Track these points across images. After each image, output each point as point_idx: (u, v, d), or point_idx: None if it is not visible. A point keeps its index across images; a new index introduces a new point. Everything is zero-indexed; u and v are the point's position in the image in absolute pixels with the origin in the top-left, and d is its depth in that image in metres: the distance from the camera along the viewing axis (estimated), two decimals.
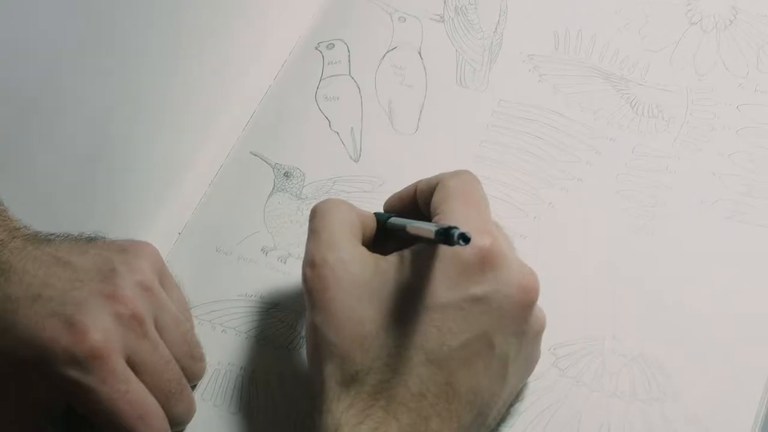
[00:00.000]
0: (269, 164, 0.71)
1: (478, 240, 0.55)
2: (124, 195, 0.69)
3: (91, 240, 0.62)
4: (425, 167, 0.65)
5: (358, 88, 0.74)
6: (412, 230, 0.57)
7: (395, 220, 0.62)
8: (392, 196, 0.65)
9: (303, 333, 0.66)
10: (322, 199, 0.61)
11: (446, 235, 0.52)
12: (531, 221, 0.69)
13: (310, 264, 0.58)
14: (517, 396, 0.62)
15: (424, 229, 0.55)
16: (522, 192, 0.70)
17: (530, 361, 0.60)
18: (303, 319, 0.66)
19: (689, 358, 0.63)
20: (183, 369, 0.61)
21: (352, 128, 0.73)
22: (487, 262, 0.56)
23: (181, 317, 0.62)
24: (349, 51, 0.75)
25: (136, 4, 0.69)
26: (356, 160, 0.71)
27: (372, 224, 0.62)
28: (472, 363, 0.56)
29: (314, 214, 0.60)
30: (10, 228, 0.61)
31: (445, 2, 0.77)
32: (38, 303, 0.57)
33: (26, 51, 0.63)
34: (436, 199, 0.60)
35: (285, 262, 0.68)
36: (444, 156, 0.71)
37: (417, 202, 0.62)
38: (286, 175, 0.71)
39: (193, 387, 0.63)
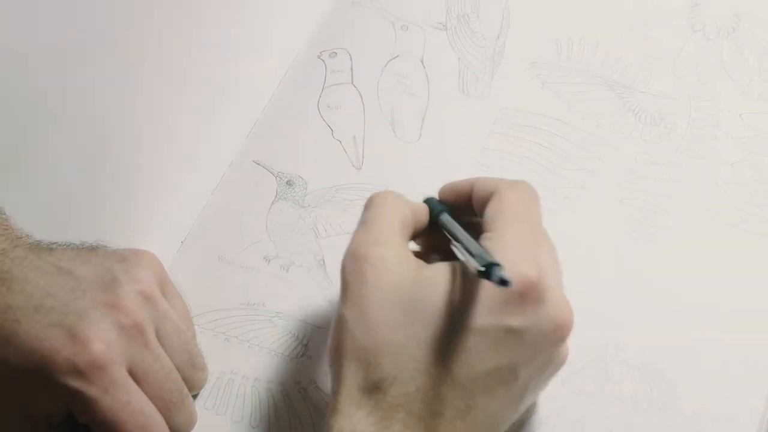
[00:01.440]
0: (272, 173, 0.71)
1: (524, 269, 0.54)
2: (126, 204, 0.69)
3: (92, 249, 0.62)
4: (428, 175, 0.65)
5: (361, 96, 0.74)
6: (457, 252, 0.56)
7: (446, 220, 0.60)
8: (448, 185, 0.62)
9: (305, 342, 0.66)
10: (378, 191, 0.59)
11: (487, 275, 0.51)
12: None
13: (352, 255, 0.56)
14: None
15: (468, 260, 0.53)
16: None
17: (543, 388, 0.59)
18: (306, 328, 0.66)
19: (692, 367, 0.63)
20: (184, 378, 0.61)
21: (354, 136, 0.73)
22: (529, 295, 0.54)
23: (182, 326, 0.62)
24: (351, 59, 0.75)
25: (138, 10, 0.69)
26: (359, 168, 0.71)
27: (424, 218, 0.60)
28: (494, 390, 0.54)
29: (369, 205, 0.58)
30: (12, 237, 0.61)
31: (447, 10, 0.77)
32: (40, 313, 0.57)
33: (26, 57, 0.63)
34: (489, 211, 0.58)
35: (288, 271, 0.68)
36: (447, 164, 0.71)
37: (471, 201, 0.61)
38: (289, 183, 0.71)
39: (195, 396, 0.63)
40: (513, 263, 0.53)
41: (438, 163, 0.71)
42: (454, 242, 0.56)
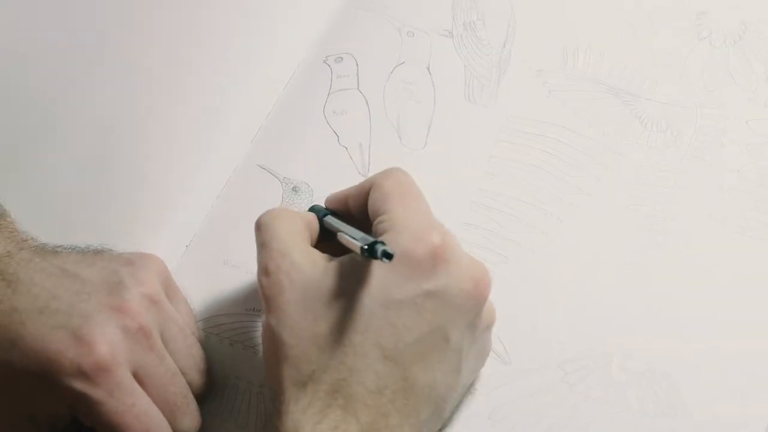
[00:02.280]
0: (277, 178, 0.71)
1: (429, 237, 0.56)
2: (131, 207, 0.69)
3: (98, 252, 0.62)
4: (434, 182, 0.64)
5: (367, 102, 0.74)
6: (342, 240, 0.58)
7: (330, 220, 0.62)
8: (331, 196, 0.65)
9: None
10: (264, 212, 0.61)
11: (371, 252, 0.53)
12: (539, 236, 0.68)
13: (264, 272, 0.58)
14: (469, 388, 0.62)
15: (352, 243, 0.56)
16: (531, 207, 0.69)
17: (482, 353, 0.61)
18: None
19: (698, 373, 0.63)
20: (189, 382, 0.61)
21: (360, 143, 0.73)
22: (438, 258, 0.56)
23: (187, 330, 0.62)
24: (357, 65, 0.75)
25: (144, 13, 0.69)
26: (365, 175, 0.71)
27: (316, 224, 0.62)
28: (427, 357, 0.56)
29: (259, 227, 0.60)
30: (17, 240, 0.61)
31: (453, 18, 0.77)
32: (45, 315, 0.57)
33: (32, 60, 0.64)
34: (373, 200, 0.60)
35: None
36: (452, 171, 0.71)
37: (349, 208, 0.63)
38: (295, 190, 0.71)
39: (199, 401, 0.63)
40: (417, 233, 0.56)
41: (444, 170, 0.71)
42: (339, 234, 0.58)
